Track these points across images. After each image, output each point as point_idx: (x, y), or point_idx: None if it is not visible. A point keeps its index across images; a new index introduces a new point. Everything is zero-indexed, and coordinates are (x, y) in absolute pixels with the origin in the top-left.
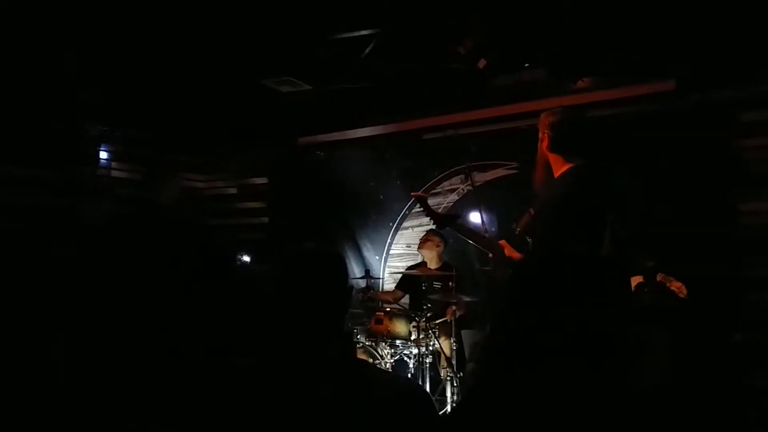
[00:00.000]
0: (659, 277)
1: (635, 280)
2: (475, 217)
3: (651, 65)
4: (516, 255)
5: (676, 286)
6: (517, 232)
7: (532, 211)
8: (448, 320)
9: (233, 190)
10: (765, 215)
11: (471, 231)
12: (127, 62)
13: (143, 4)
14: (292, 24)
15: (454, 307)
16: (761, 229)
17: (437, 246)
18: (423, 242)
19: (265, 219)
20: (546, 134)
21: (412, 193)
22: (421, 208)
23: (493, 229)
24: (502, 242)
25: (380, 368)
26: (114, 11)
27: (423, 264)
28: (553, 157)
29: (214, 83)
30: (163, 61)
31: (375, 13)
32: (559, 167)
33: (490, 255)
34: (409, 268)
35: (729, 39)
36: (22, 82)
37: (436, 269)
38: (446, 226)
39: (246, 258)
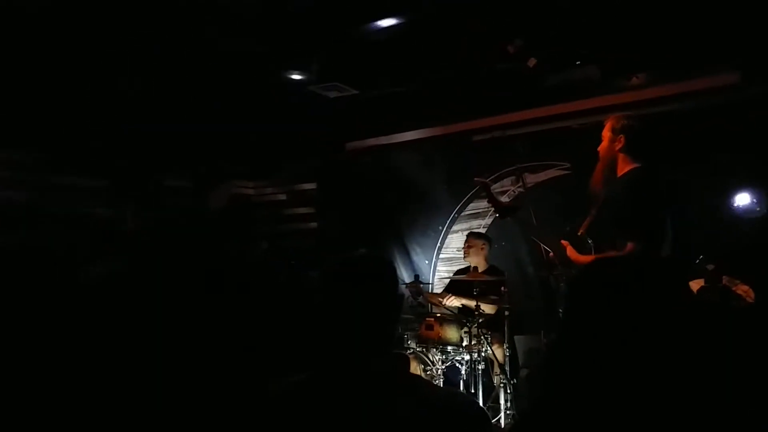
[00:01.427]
0: (724, 280)
1: (697, 284)
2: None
3: (714, 57)
4: (580, 257)
5: (743, 289)
6: (579, 234)
7: (594, 211)
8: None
9: (283, 197)
10: None
11: (532, 225)
12: (177, 70)
13: (197, 14)
14: (340, 29)
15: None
16: None
17: (482, 249)
18: (467, 249)
19: (315, 224)
20: (622, 137)
21: (475, 178)
22: (483, 196)
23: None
24: (564, 242)
25: (434, 384)
26: (164, 18)
27: (471, 269)
28: (621, 157)
29: (263, 90)
30: (210, 69)
31: (422, 14)
32: (624, 167)
33: (551, 254)
34: (457, 273)
35: None
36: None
37: (483, 272)
38: (507, 216)
39: (295, 264)
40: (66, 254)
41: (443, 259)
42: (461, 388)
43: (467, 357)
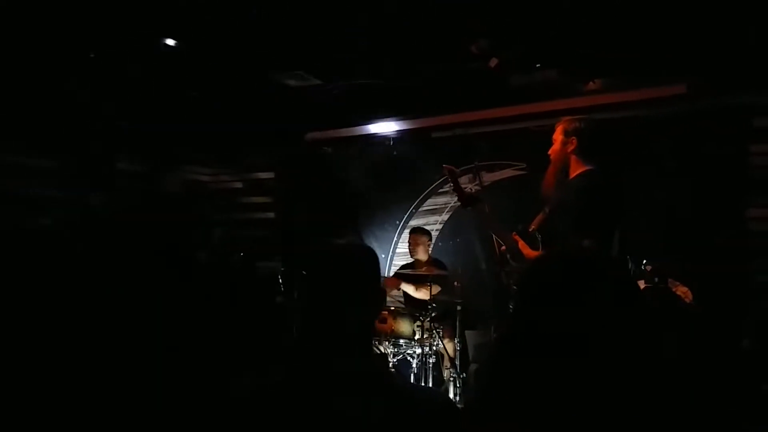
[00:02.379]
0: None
1: (640, 284)
2: None
3: (663, 68)
4: (530, 251)
5: (682, 291)
6: (530, 230)
7: (546, 209)
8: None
9: (239, 185)
10: None
11: (489, 218)
12: (136, 54)
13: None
14: (303, 18)
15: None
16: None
17: (426, 244)
18: (414, 246)
19: (271, 214)
20: (574, 139)
21: (443, 165)
22: (450, 185)
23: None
24: (515, 236)
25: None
26: (119, 8)
27: (415, 263)
28: (573, 159)
29: (222, 76)
30: (172, 54)
31: (386, 9)
32: (576, 169)
33: (503, 247)
34: (402, 267)
35: (742, 43)
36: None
37: (427, 266)
38: (469, 206)
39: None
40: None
41: (399, 253)
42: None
43: (419, 350)
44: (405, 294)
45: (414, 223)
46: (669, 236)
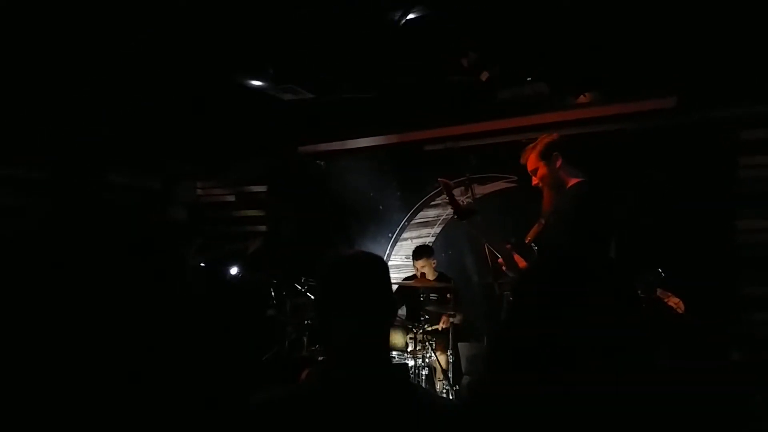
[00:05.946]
0: (658, 292)
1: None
2: None
3: (653, 82)
4: (524, 263)
5: (674, 301)
6: (527, 241)
7: (542, 221)
8: (440, 329)
9: (231, 198)
10: (762, 233)
11: (485, 229)
12: (125, 67)
13: (142, 6)
14: (295, 32)
15: (447, 316)
16: (758, 247)
17: (432, 262)
18: (421, 268)
19: (264, 227)
20: (557, 154)
21: (439, 179)
22: (445, 198)
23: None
24: (509, 247)
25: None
26: (110, 13)
27: (419, 275)
28: (564, 175)
29: (216, 89)
30: (163, 66)
31: (379, 25)
32: (570, 181)
33: (499, 259)
34: (405, 279)
35: (730, 58)
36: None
37: (433, 280)
38: (465, 219)
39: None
40: None
41: (392, 266)
42: None
43: (411, 363)
44: (408, 309)
45: (406, 235)
46: (659, 247)
